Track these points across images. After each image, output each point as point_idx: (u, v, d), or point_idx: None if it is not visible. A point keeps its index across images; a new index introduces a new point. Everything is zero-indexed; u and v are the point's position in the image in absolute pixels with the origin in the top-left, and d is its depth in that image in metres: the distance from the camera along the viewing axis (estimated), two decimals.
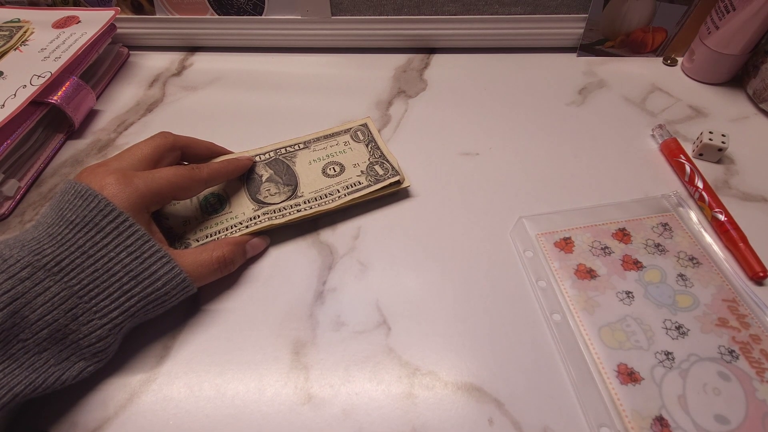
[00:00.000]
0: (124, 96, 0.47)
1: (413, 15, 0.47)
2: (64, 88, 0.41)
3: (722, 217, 0.33)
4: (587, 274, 0.31)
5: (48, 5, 0.49)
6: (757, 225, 0.33)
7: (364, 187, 0.35)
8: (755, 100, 0.42)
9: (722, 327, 0.28)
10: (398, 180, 0.35)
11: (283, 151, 0.37)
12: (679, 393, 0.25)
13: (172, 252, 0.28)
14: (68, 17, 0.47)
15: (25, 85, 0.39)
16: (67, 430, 0.26)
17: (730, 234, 0.32)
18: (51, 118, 0.41)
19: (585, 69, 0.47)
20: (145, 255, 0.27)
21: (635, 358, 0.27)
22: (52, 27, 0.46)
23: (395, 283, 0.32)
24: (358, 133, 0.39)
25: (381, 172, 0.36)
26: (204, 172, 0.32)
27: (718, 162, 0.38)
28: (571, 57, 0.49)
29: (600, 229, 0.33)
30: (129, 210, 0.27)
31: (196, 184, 0.31)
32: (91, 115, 0.45)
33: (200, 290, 0.32)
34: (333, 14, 0.47)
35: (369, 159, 0.37)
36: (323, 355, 0.29)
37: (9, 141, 0.36)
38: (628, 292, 0.30)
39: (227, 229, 0.33)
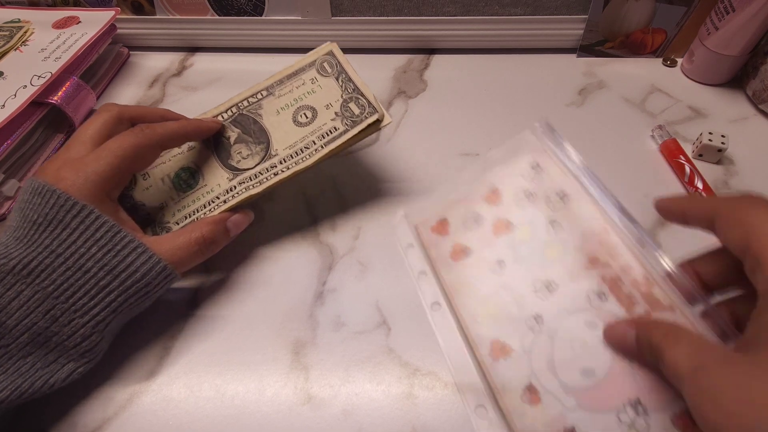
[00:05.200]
0: (124, 96, 0.47)
1: (413, 16, 0.47)
2: (64, 89, 0.41)
3: None
4: (462, 253, 0.29)
5: (48, 5, 0.49)
6: None
7: (341, 134, 0.32)
8: (755, 101, 0.42)
9: (591, 268, 0.26)
10: (377, 119, 0.32)
11: (245, 103, 0.34)
12: (548, 358, 0.25)
13: (148, 239, 0.27)
14: (68, 17, 0.47)
15: (26, 86, 0.39)
16: (67, 430, 0.26)
17: None
18: (51, 119, 0.41)
19: (585, 70, 0.47)
20: (118, 247, 0.25)
21: (507, 329, 0.26)
22: (53, 27, 0.46)
23: (395, 283, 0.32)
24: (325, 64, 0.34)
25: (357, 111, 0.32)
26: (156, 132, 0.29)
27: (718, 163, 0.38)
28: (571, 58, 0.49)
29: (471, 197, 0.31)
30: (90, 201, 0.25)
31: (150, 150, 0.28)
32: (91, 115, 0.45)
33: (199, 290, 0.32)
34: (333, 15, 0.47)
35: (342, 96, 0.33)
36: (323, 356, 0.29)
37: (9, 141, 0.36)
38: (499, 261, 0.28)
39: (205, 207, 0.31)
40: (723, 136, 0.37)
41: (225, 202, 0.31)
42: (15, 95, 0.38)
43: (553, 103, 0.44)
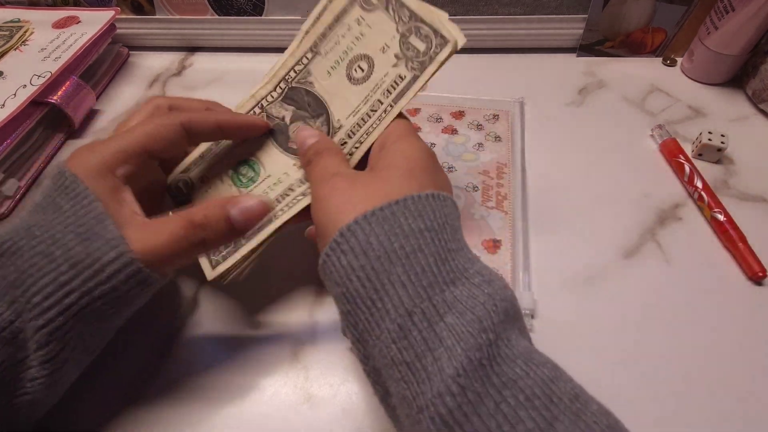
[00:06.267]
0: (123, 96, 0.47)
1: None
2: (64, 88, 0.41)
3: (721, 217, 0.33)
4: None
5: (48, 5, 0.49)
6: (756, 225, 0.33)
7: (409, 84, 0.25)
8: (754, 101, 0.42)
9: (483, 175, 0.37)
10: (452, 49, 0.25)
11: (292, 74, 0.29)
12: None
13: (137, 224, 0.22)
14: (68, 17, 0.47)
15: (25, 85, 0.39)
16: (67, 430, 0.26)
17: (729, 234, 0.32)
18: (51, 118, 0.41)
19: (584, 69, 0.47)
20: (89, 235, 0.21)
21: None
22: (52, 27, 0.46)
23: None
24: None
25: (422, 46, 0.25)
26: (183, 114, 0.25)
27: (718, 162, 0.38)
28: (571, 57, 0.49)
29: (446, 108, 0.43)
30: (87, 173, 0.22)
31: (171, 131, 0.25)
32: (91, 114, 0.45)
33: (200, 288, 0.32)
34: None
35: (397, 29, 0.26)
36: (323, 355, 0.29)
37: (9, 141, 0.36)
38: (432, 144, 0.40)
39: (279, 201, 0.27)
40: (723, 135, 0.37)
41: (303, 195, 0.26)
42: (15, 95, 0.38)
43: (553, 102, 0.44)
